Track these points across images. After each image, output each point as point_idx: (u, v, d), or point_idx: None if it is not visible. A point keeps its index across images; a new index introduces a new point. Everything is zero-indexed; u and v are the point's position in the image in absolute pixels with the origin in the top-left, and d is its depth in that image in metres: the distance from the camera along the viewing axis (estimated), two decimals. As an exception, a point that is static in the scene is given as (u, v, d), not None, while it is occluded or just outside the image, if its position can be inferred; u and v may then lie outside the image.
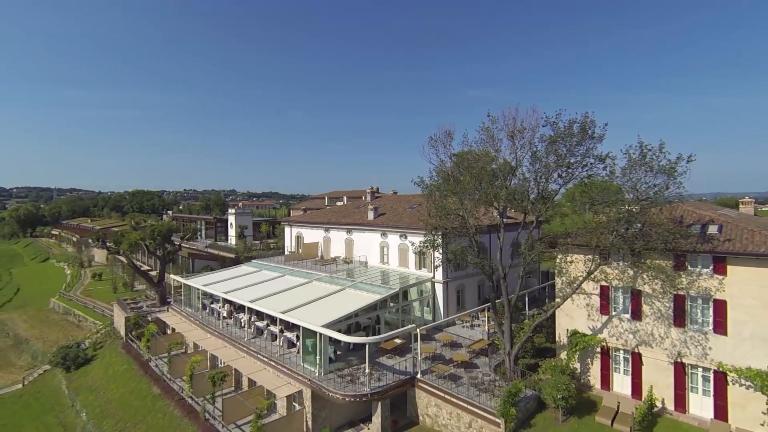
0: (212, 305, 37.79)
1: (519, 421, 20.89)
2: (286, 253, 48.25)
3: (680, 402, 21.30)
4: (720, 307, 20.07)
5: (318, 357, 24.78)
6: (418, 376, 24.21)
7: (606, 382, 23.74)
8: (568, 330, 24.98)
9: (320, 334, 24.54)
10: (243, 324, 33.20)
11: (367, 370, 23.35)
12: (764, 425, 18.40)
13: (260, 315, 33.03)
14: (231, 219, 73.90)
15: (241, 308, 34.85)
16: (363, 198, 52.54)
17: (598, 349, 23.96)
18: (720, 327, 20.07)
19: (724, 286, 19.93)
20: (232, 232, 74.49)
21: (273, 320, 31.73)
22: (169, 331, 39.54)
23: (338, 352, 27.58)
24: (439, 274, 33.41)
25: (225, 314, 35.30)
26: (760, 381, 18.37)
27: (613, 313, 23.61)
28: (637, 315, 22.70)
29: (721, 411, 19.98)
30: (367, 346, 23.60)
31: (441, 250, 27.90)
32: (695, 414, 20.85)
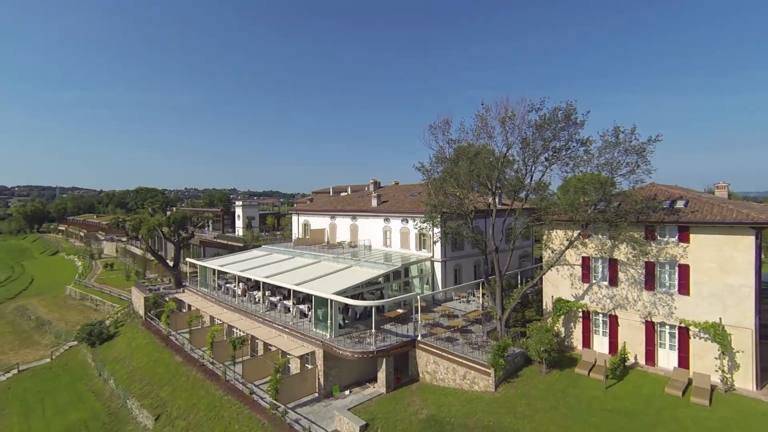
0: (227, 285, 40.63)
1: (507, 372, 23.74)
2: (294, 239, 51.04)
3: (650, 357, 24.09)
4: (684, 271, 22.84)
5: (329, 321, 27.58)
6: (419, 338, 27.00)
7: (587, 342, 26.53)
8: (553, 297, 27.78)
9: (331, 301, 27.33)
10: (257, 300, 36.00)
11: (372, 331, 26.20)
12: (717, 370, 21.19)
13: (273, 292, 35.92)
14: (238, 211, 76.71)
15: (255, 286, 37.69)
16: (366, 189, 55.31)
17: (580, 314, 26.75)
18: (684, 288, 22.85)
19: (687, 253, 22.70)
20: (239, 223, 77.32)
21: (284, 296, 34.62)
22: (185, 310, 42.33)
23: (346, 321, 30.33)
24: (438, 254, 36.20)
25: (240, 292, 38.09)
26: (713, 331, 21.16)
27: (593, 281, 26.40)
28: (614, 281, 25.49)
29: (683, 361, 22.79)
30: (373, 309, 26.45)
31: (440, 227, 30.56)
32: (663, 366, 23.62)
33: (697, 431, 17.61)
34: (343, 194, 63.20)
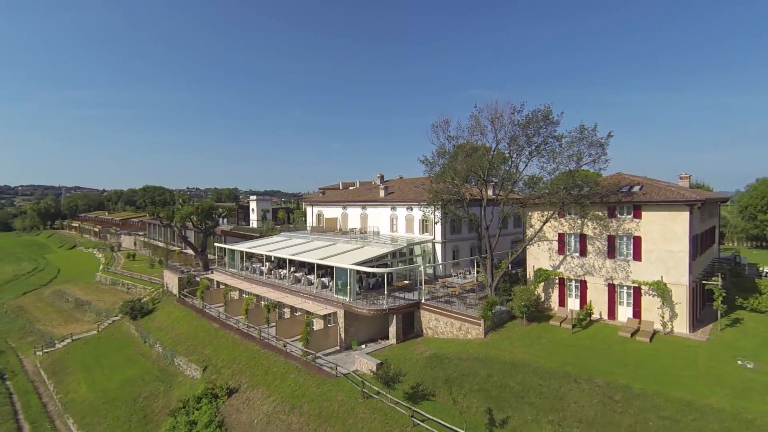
0: (253, 265, 46.18)
1: (494, 324, 29.30)
2: (309, 227, 56.62)
3: (611, 313, 29.63)
4: (637, 242, 28.35)
5: (348, 288, 33.13)
6: (422, 301, 32.53)
7: (562, 303, 32.05)
8: (534, 267, 33.32)
9: (349, 271, 32.87)
10: (283, 276, 41.55)
11: (385, 293, 31.76)
12: (660, 318, 26.73)
13: (296, 268, 41.43)
14: (253, 204, 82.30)
15: (280, 265, 43.22)
16: (373, 182, 60.81)
17: (557, 280, 32.27)
18: (637, 255, 28.36)
19: (640, 227, 28.21)
20: (253, 216, 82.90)
21: (306, 273, 40.12)
22: (213, 288, 47.82)
23: (361, 290, 35.83)
24: (438, 236, 41.71)
25: (266, 270, 43.66)
26: (656, 287, 26.70)
27: (567, 253, 31.91)
28: (583, 253, 31.01)
29: (636, 314, 28.32)
30: (384, 277, 32.02)
31: (440, 211, 36.08)
32: (621, 320, 29.13)
33: (635, 356, 23.12)
34: (352, 188, 68.73)
